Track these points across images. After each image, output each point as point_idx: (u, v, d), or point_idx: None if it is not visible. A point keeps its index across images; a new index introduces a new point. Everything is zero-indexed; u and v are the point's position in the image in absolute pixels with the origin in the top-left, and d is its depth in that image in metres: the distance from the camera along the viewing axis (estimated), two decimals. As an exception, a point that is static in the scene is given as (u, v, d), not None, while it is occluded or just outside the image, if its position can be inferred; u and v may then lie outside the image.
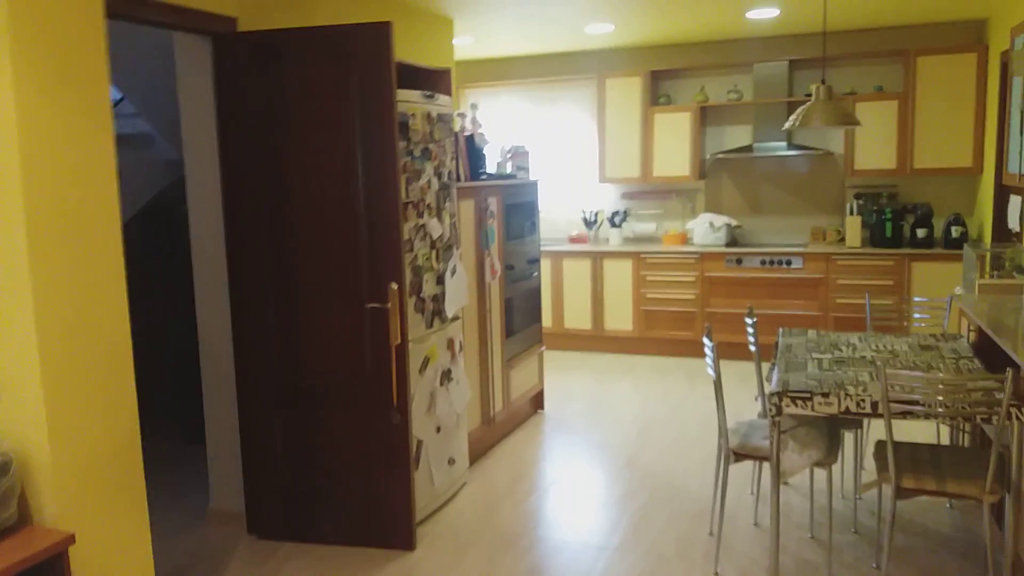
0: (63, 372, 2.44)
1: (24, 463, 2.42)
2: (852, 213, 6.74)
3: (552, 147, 8.05)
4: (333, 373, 3.66)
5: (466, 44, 7.01)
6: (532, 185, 5.56)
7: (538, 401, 5.79)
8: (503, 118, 8.17)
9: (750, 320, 3.85)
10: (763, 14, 5.96)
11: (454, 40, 6.63)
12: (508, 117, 8.16)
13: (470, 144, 4.65)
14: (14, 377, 2.40)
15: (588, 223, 7.75)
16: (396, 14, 4.94)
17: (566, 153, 8.01)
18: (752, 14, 5.96)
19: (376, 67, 3.42)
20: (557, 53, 7.77)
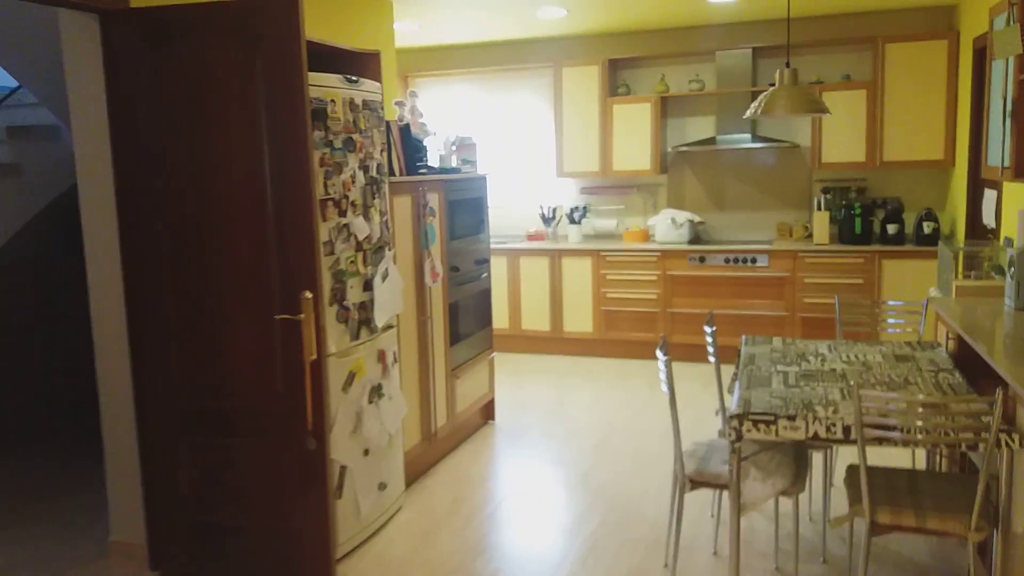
0: None
1: None
2: (820, 208, 6.43)
3: (509, 140, 7.65)
4: (242, 394, 3.24)
5: (412, 30, 6.59)
6: (480, 180, 5.16)
7: (489, 411, 5.40)
8: (455, 109, 7.76)
9: (709, 329, 3.49)
10: (725, -3, 5.62)
11: (397, 24, 6.21)
12: (461, 107, 7.74)
13: (406, 135, 4.24)
14: None
15: (546, 219, 7.36)
16: (326, -7, 4.51)
17: (523, 146, 7.62)
18: (714, -2, 5.62)
19: (284, 47, 3.00)
20: (510, 40, 7.36)
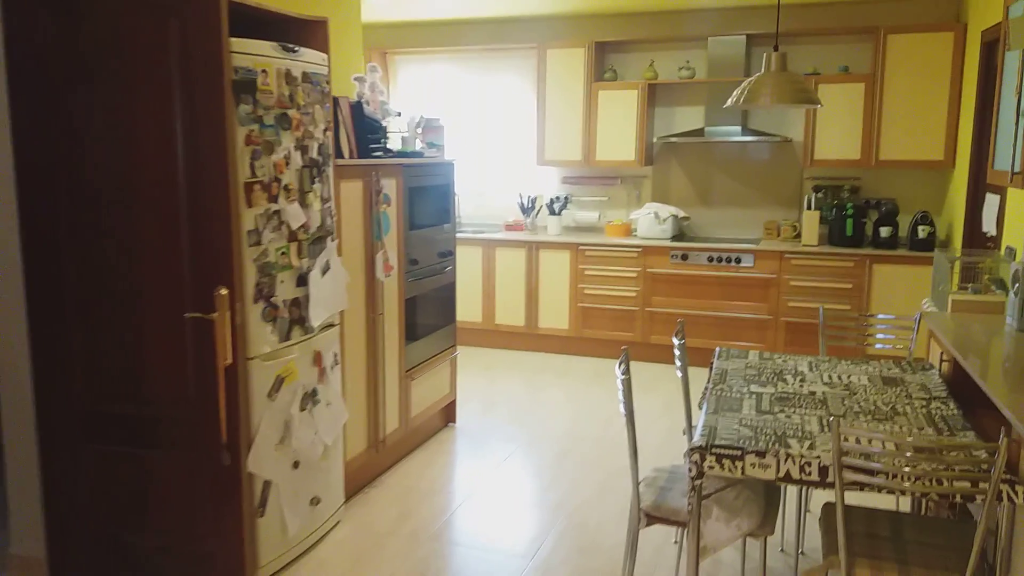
0: None
1: None
2: (810, 207, 6.08)
3: (490, 124, 7.27)
4: (152, 401, 2.89)
5: (387, 3, 6.19)
6: (446, 165, 4.79)
7: (450, 413, 5.06)
8: (436, 89, 7.36)
9: (677, 340, 3.14)
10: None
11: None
12: (442, 88, 7.35)
13: (358, 113, 3.87)
14: None
15: (525, 209, 7.00)
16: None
17: (504, 131, 7.23)
18: (705, -22, 5.24)
19: (201, 6, 2.63)
20: (493, 18, 6.97)
